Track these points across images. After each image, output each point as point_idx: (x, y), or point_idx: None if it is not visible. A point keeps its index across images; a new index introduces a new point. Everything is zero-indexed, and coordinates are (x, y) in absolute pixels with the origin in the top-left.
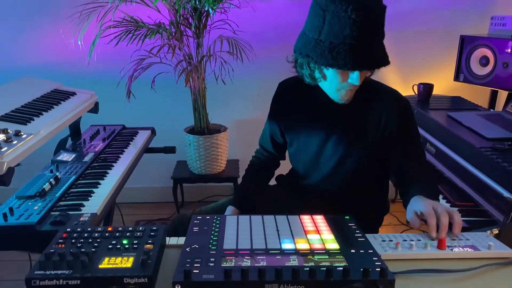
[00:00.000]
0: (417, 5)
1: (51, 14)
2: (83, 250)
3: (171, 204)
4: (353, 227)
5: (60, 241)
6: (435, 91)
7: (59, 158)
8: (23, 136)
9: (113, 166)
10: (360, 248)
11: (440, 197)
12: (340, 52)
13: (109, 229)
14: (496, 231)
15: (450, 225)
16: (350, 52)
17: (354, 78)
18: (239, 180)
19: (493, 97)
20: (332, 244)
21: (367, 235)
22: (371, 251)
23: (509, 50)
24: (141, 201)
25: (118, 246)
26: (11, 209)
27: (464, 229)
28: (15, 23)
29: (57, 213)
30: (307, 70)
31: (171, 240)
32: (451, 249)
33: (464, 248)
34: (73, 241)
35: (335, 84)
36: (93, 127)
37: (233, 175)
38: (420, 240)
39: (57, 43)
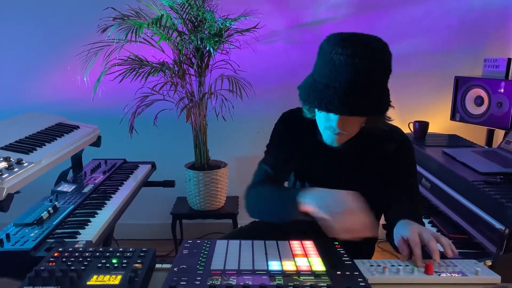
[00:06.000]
0: (411, 49)
1: (60, 52)
2: (73, 268)
3: (170, 242)
4: (341, 251)
5: (51, 259)
6: (432, 130)
7: (59, 188)
8: (25, 164)
9: (111, 197)
10: (346, 270)
11: (434, 230)
12: (315, 90)
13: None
14: (489, 263)
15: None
16: (322, 92)
17: (331, 119)
18: (239, 217)
19: (490, 136)
20: (319, 266)
21: (356, 261)
22: (357, 273)
23: (502, 90)
24: (140, 237)
25: (108, 265)
26: (7, 236)
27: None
28: (26, 61)
29: (52, 240)
30: (305, 104)
31: (164, 266)
32: (439, 274)
33: (452, 274)
34: (63, 259)
35: (322, 123)
36: (94, 160)
37: (232, 211)
38: (408, 265)
39: (64, 80)
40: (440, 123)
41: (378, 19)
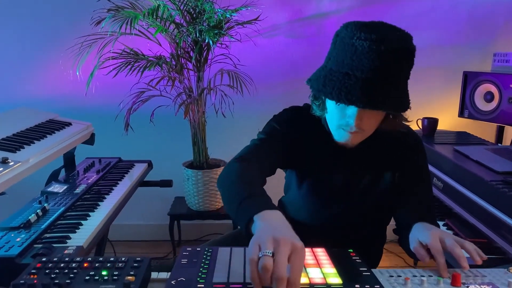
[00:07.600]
0: (418, 42)
1: (51, 46)
2: (57, 281)
3: (167, 243)
4: (357, 260)
5: (32, 271)
6: (440, 127)
7: (49, 189)
8: (10, 164)
9: (105, 198)
10: (366, 283)
11: (451, 233)
12: (332, 80)
13: (85, 264)
14: None
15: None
16: (340, 82)
17: (348, 115)
18: None
19: (500, 132)
20: (334, 279)
21: (374, 270)
22: (378, 286)
23: None
24: (136, 239)
25: (97, 277)
26: None
27: (478, 267)
28: (15, 55)
29: (40, 245)
30: (315, 100)
31: (160, 275)
32: (467, 286)
33: (481, 286)
34: (47, 271)
35: (335, 120)
36: (88, 159)
37: None
38: (431, 276)
39: (56, 74)
40: (448, 119)
41: (383, 12)
